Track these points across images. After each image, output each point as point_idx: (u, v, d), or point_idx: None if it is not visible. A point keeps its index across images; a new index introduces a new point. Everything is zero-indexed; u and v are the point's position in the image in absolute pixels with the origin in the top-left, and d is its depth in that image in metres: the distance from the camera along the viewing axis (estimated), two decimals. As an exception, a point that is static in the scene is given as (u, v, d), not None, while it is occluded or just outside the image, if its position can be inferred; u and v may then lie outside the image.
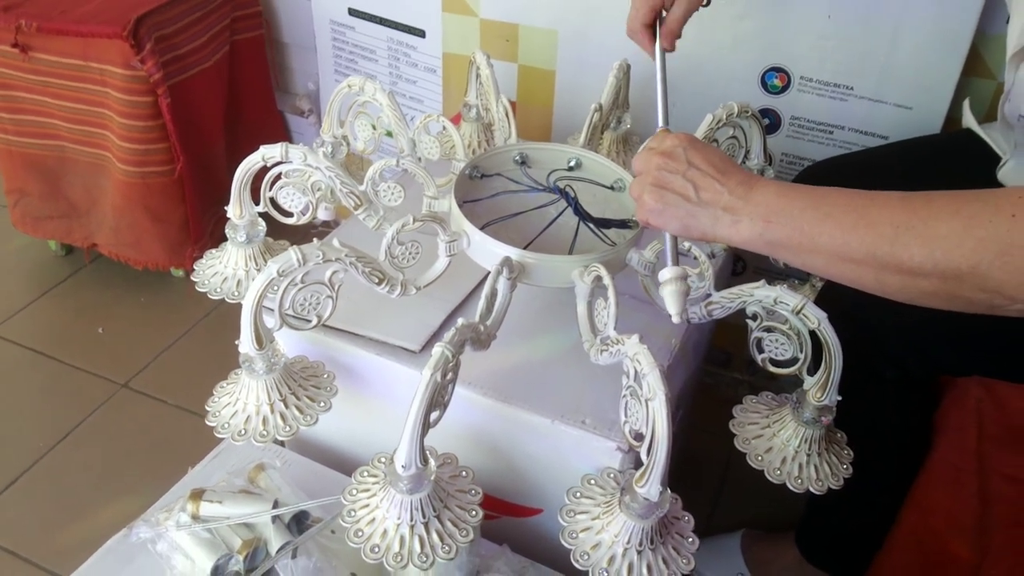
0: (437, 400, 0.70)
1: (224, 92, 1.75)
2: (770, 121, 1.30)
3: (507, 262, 0.83)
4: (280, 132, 1.97)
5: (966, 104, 1.07)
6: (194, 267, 0.98)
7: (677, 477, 1.25)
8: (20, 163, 1.69)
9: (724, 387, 1.55)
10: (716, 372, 1.55)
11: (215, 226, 1.78)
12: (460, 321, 0.73)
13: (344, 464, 1.01)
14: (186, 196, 1.65)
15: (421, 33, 1.51)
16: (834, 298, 0.89)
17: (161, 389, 1.56)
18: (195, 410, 1.50)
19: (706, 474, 1.42)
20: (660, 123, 0.85)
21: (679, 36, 0.96)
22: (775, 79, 1.27)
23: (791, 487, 0.81)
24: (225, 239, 0.96)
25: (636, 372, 0.70)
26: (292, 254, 0.77)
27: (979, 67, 1.19)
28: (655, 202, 0.74)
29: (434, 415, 0.71)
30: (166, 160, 1.58)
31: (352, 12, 1.60)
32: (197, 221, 1.70)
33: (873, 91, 1.22)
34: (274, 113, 1.94)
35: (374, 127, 1.04)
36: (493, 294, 0.82)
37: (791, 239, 0.68)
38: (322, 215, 0.96)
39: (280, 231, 0.95)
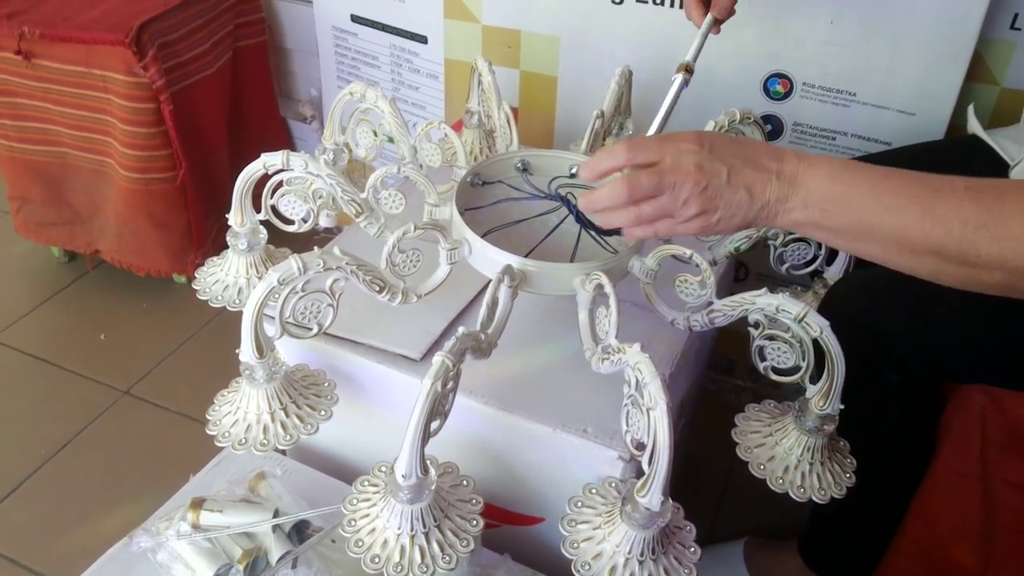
0: (438, 409, 0.70)
1: (227, 98, 1.75)
2: (772, 127, 1.30)
3: (508, 270, 0.82)
4: (283, 138, 1.97)
5: (971, 110, 1.06)
6: (196, 274, 0.98)
7: (679, 484, 1.24)
8: (23, 169, 1.69)
9: (727, 394, 1.54)
10: (719, 379, 1.55)
11: (218, 232, 1.78)
12: (461, 330, 0.73)
13: (346, 472, 1.01)
14: (189, 203, 1.65)
15: (423, 39, 1.51)
16: (838, 305, 0.89)
17: (163, 396, 1.56)
18: (197, 417, 1.50)
19: (708, 481, 1.42)
20: (689, 57, 0.94)
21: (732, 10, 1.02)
22: (777, 85, 1.27)
23: (794, 496, 0.80)
24: (228, 246, 0.96)
25: (637, 381, 0.70)
26: (293, 262, 0.77)
27: (982, 72, 1.19)
28: (715, 224, 0.69)
29: (435, 424, 0.71)
30: (169, 167, 1.59)
31: (354, 18, 1.60)
32: (200, 227, 1.70)
33: (876, 97, 1.22)
34: (277, 119, 1.94)
35: (375, 133, 1.04)
36: (494, 302, 0.82)
37: (848, 228, 0.65)
38: (324, 222, 0.96)
39: (282, 238, 0.95)
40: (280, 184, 0.91)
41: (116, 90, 1.50)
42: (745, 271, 1.44)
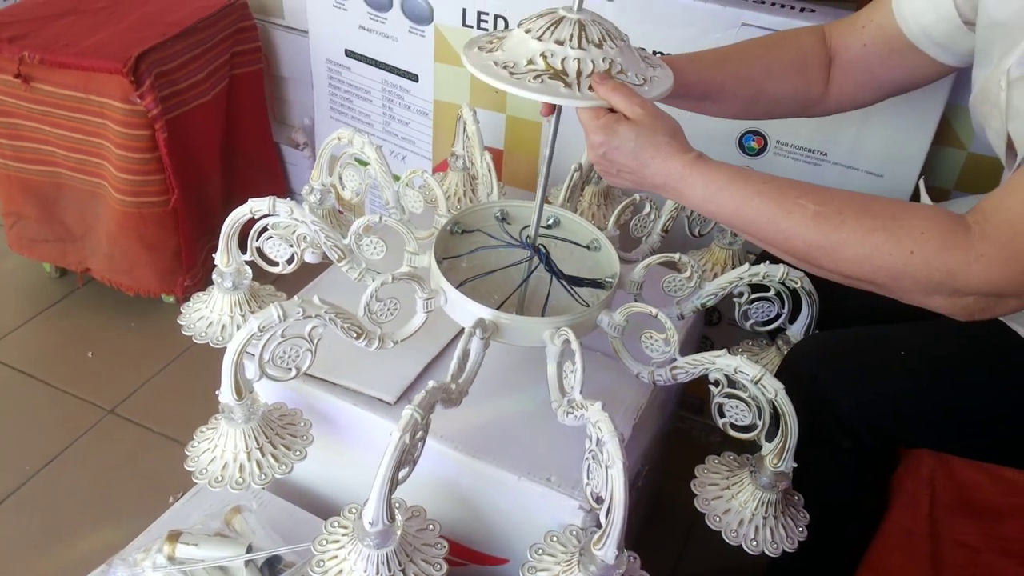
0: (406, 458, 0.73)
1: (221, 125, 1.78)
2: (747, 180, 1.34)
3: (480, 323, 0.86)
4: (275, 163, 2.00)
5: (921, 183, 1.08)
6: (182, 309, 1.01)
7: (645, 522, 1.27)
8: (18, 187, 1.72)
9: (697, 432, 1.58)
10: (690, 417, 1.58)
11: (207, 255, 1.81)
12: (431, 384, 0.76)
13: (320, 506, 1.04)
14: (179, 226, 1.68)
15: (414, 77, 1.55)
16: (797, 366, 0.93)
17: (147, 416, 1.58)
18: (179, 439, 1.52)
19: (675, 518, 1.43)
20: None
21: None
22: (752, 142, 1.31)
23: (747, 549, 0.84)
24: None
25: (598, 438, 0.73)
26: (273, 311, 0.80)
27: (950, 137, 1.23)
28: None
29: (403, 472, 0.74)
30: (161, 191, 1.61)
31: (348, 53, 1.64)
32: (190, 250, 1.73)
33: (846, 158, 1.27)
34: (270, 144, 1.97)
35: (364, 164, 1.07)
36: (465, 354, 0.85)
37: (721, 222, 0.84)
38: (309, 258, 0.99)
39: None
40: (266, 228, 0.95)
41: (112, 116, 1.53)
42: (718, 315, 1.47)
